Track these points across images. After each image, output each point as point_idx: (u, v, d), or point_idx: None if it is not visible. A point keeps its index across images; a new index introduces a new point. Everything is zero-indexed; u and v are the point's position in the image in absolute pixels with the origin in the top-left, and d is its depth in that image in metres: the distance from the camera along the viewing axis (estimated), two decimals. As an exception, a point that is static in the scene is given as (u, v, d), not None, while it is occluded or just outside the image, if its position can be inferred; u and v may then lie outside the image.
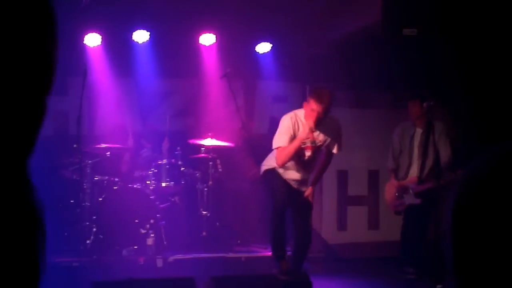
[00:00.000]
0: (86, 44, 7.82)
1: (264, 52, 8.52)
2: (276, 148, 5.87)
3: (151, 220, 7.11)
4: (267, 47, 8.47)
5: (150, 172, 7.47)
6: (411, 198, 6.96)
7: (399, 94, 8.13)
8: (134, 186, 7.35)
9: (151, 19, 7.84)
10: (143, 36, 8.02)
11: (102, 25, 7.74)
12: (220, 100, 8.28)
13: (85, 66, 7.07)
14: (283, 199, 5.82)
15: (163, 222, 7.26)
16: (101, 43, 7.88)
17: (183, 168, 7.58)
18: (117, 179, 7.34)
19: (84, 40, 7.79)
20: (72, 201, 7.14)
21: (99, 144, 7.27)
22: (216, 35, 8.21)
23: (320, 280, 6.25)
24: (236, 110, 7.07)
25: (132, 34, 7.99)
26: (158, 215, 7.19)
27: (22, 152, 1.20)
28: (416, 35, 5.77)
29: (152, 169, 7.48)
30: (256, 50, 8.50)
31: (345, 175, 8.56)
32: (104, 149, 7.28)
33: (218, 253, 7.32)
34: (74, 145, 6.87)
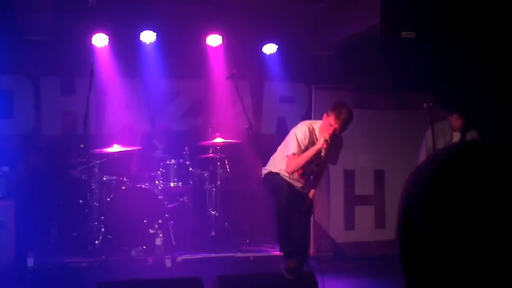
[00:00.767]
0: (93, 44, 7.84)
1: (270, 53, 8.54)
2: (289, 154, 5.87)
3: (159, 220, 7.13)
4: (273, 48, 8.49)
5: (158, 172, 7.50)
6: None
7: (405, 95, 8.12)
8: (143, 186, 7.36)
9: (158, 20, 7.87)
10: (150, 36, 8.04)
11: (109, 25, 7.77)
12: (227, 100, 8.30)
13: (92, 66, 7.09)
14: (287, 196, 5.82)
15: (172, 222, 7.27)
16: (108, 43, 7.90)
17: (191, 168, 7.60)
18: (125, 179, 7.36)
19: (91, 40, 7.80)
20: (81, 201, 7.15)
21: (110, 145, 7.28)
22: (222, 36, 8.23)
23: (329, 279, 6.24)
24: (243, 111, 7.07)
25: (139, 34, 8.01)
26: (166, 215, 7.21)
27: None
28: (414, 38, 5.77)
29: (161, 169, 7.50)
30: (263, 51, 8.52)
31: (351, 175, 8.56)
32: (114, 151, 7.29)
33: (226, 253, 7.31)
34: (81, 145, 6.88)
